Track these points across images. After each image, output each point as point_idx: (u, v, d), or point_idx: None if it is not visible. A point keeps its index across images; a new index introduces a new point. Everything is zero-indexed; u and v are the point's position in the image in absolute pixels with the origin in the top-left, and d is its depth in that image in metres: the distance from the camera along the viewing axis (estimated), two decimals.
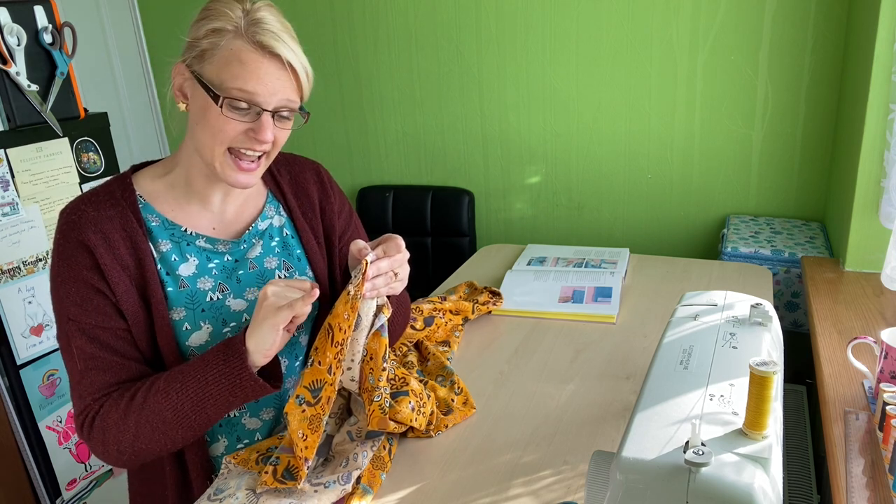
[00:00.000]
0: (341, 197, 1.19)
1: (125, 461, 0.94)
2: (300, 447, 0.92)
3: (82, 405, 0.94)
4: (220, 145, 0.93)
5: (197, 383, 0.90)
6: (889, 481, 0.96)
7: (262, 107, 0.91)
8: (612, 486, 0.64)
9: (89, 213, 0.95)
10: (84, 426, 0.94)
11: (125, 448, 0.92)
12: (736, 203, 2.31)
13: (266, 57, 0.90)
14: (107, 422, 0.91)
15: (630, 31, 2.25)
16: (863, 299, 1.59)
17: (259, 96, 0.91)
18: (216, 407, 0.92)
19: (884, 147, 1.62)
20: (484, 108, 2.51)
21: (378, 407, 0.98)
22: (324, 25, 2.62)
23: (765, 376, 0.63)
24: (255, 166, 0.96)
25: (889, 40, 1.56)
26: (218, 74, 0.91)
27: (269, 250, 1.07)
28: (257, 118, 0.92)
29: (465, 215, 2.59)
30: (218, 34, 0.90)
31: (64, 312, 0.94)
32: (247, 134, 0.93)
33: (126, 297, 0.94)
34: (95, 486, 1.87)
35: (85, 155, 1.82)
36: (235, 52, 0.90)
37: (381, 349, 0.95)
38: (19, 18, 1.63)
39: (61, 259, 0.94)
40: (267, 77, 0.91)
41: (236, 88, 0.90)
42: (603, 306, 1.52)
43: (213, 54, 0.91)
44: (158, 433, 0.91)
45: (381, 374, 0.96)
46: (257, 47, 0.90)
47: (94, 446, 0.94)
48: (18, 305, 1.67)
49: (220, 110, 0.91)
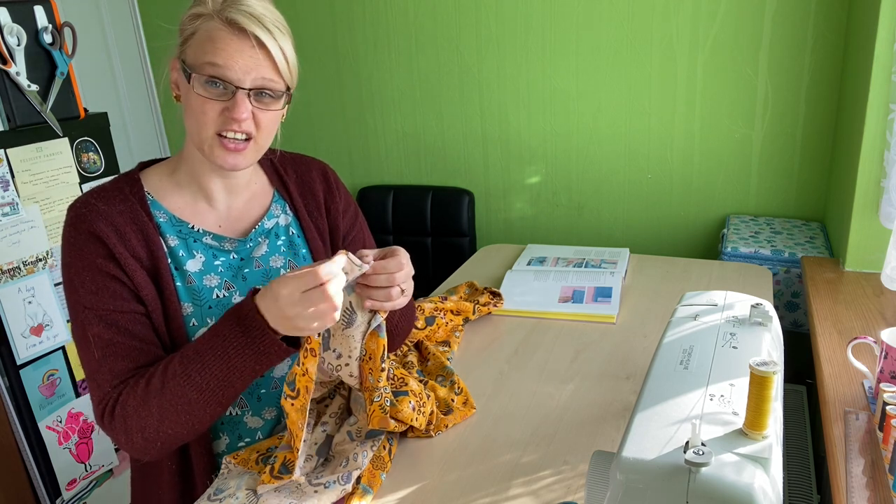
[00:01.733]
0: (347, 197, 1.18)
1: (153, 449, 0.92)
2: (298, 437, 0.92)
3: (101, 394, 0.92)
4: (205, 129, 0.93)
5: (218, 360, 0.88)
6: (889, 481, 0.96)
7: (235, 84, 0.91)
8: (612, 486, 0.64)
9: (99, 207, 0.95)
10: (105, 416, 0.91)
11: (150, 434, 0.90)
12: (736, 203, 2.31)
13: (236, 34, 0.91)
14: (127, 410, 0.89)
15: (630, 31, 2.25)
16: (863, 299, 1.59)
17: (230, 71, 0.91)
18: (243, 378, 0.90)
19: (884, 147, 1.62)
20: (484, 108, 2.51)
21: (379, 406, 0.98)
22: (324, 25, 2.62)
23: (765, 376, 0.63)
24: (243, 147, 0.95)
25: (889, 40, 1.56)
26: (194, 56, 0.92)
27: (274, 249, 1.07)
28: (233, 97, 0.92)
29: (465, 215, 2.58)
30: (197, 18, 0.93)
31: (79, 302, 0.93)
32: (224, 115, 0.92)
33: (143, 284, 0.94)
34: (95, 486, 1.87)
35: (85, 155, 1.82)
36: (208, 31, 0.91)
37: (379, 349, 0.95)
38: (19, 18, 1.63)
39: (73, 250, 0.93)
40: (238, 54, 0.91)
41: (207, 64, 0.91)
42: (603, 306, 1.52)
43: (193, 39, 0.93)
44: (184, 415, 0.89)
45: (381, 375, 0.96)
46: (227, 24, 0.91)
47: (117, 436, 0.92)
48: (18, 305, 1.67)
49: (196, 93, 0.91)
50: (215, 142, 0.94)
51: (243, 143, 0.95)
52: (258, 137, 0.96)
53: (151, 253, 0.96)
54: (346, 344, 0.95)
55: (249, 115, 0.93)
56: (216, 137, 0.94)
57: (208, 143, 0.94)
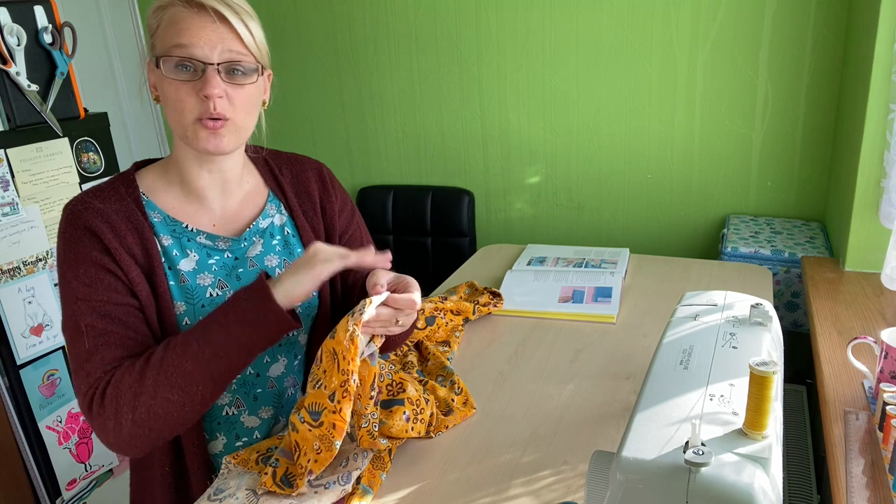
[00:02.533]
0: (343, 196, 1.18)
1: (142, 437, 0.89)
2: (309, 458, 0.90)
3: (90, 381, 0.89)
4: (184, 116, 0.93)
5: (218, 327, 0.89)
6: (889, 481, 0.96)
7: (202, 60, 0.92)
8: (612, 486, 0.64)
9: (95, 205, 0.96)
10: (94, 401, 0.88)
11: (141, 416, 0.87)
12: (736, 203, 2.31)
13: (196, 12, 0.92)
14: (120, 388, 0.87)
15: (630, 31, 2.25)
16: (863, 299, 1.59)
17: (195, 48, 0.91)
18: (239, 350, 0.90)
19: (884, 147, 1.62)
20: (484, 108, 2.51)
21: (367, 432, 0.97)
22: (324, 25, 2.62)
23: (765, 376, 0.63)
24: (220, 125, 0.94)
25: (889, 40, 1.56)
26: (161, 45, 0.93)
27: (269, 249, 1.07)
28: (203, 75, 0.92)
29: (465, 215, 2.58)
30: (161, 10, 0.94)
31: (72, 294, 0.92)
32: (200, 98, 0.92)
33: (138, 281, 0.95)
34: (95, 486, 1.87)
35: (85, 155, 1.82)
36: (171, 16, 0.92)
37: (370, 377, 0.93)
38: (19, 18, 1.63)
39: (68, 245, 0.94)
40: (201, 31, 0.91)
41: (173, 46, 0.91)
42: (603, 306, 1.52)
43: (158, 30, 0.94)
44: (177, 391, 0.88)
45: (368, 403, 0.94)
46: (186, 5, 0.92)
47: (105, 422, 0.88)
48: (18, 305, 1.67)
49: (169, 79, 0.92)
50: (197, 126, 0.94)
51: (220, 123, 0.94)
52: (236, 117, 0.96)
53: (146, 251, 0.97)
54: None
55: (223, 91, 0.93)
56: (197, 122, 0.94)
57: (191, 130, 0.94)
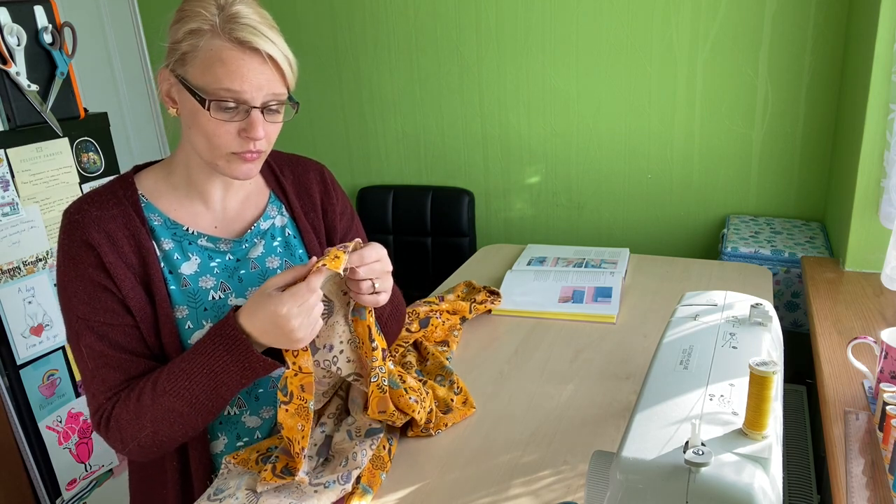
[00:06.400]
0: (344, 199, 1.19)
1: (150, 453, 0.96)
2: (297, 439, 0.92)
3: (96, 404, 0.95)
4: (220, 150, 0.94)
5: (205, 376, 0.91)
6: (889, 481, 0.96)
7: (250, 104, 0.91)
8: (612, 486, 0.64)
9: (92, 213, 0.96)
10: (101, 425, 0.95)
11: (145, 442, 0.93)
12: (736, 203, 2.31)
13: (247, 53, 0.90)
14: (120, 422, 0.93)
15: (630, 31, 2.25)
16: (863, 299, 1.59)
17: (245, 94, 0.90)
18: (231, 391, 0.93)
19: (884, 147, 1.62)
20: (484, 108, 2.51)
21: (377, 387, 0.98)
22: (324, 25, 2.62)
23: (765, 376, 0.63)
24: (256, 157, 0.96)
25: (889, 40, 1.56)
26: (202, 77, 0.90)
27: (271, 250, 1.07)
28: (247, 116, 0.92)
29: (465, 215, 2.58)
30: (196, 35, 0.90)
31: (73, 311, 0.95)
32: (240, 135, 0.93)
33: (132, 294, 0.95)
34: (95, 486, 1.87)
35: (85, 155, 1.82)
36: (216, 52, 0.89)
37: (366, 331, 0.97)
38: (19, 18, 1.63)
39: (66, 258, 0.95)
40: (251, 74, 0.90)
41: (222, 89, 0.89)
42: (603, 306, 1.52)
43: (195, 56, 0.90)
44: (178, 425, 0.93)
45: (373, 354, 0.97)
46: (236, 44, 0.89)
47: (114, 444, 0.96)
48: (18, 305, 1.67)
49: (209, 114, 0.91)
50: (232, 157, 0.95)
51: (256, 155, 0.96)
52: (267, 148, 0.98)
53: (143, 259, 0.97)
54: (332, 333, 0.97)
55: (265, 132, 0.94)
56: (232, 155, 0.95)
57: (223, 160, 0.95)
